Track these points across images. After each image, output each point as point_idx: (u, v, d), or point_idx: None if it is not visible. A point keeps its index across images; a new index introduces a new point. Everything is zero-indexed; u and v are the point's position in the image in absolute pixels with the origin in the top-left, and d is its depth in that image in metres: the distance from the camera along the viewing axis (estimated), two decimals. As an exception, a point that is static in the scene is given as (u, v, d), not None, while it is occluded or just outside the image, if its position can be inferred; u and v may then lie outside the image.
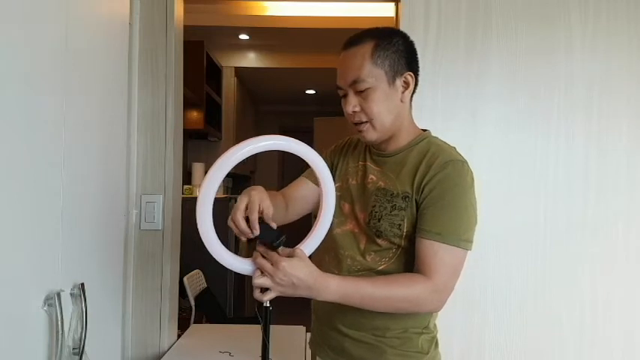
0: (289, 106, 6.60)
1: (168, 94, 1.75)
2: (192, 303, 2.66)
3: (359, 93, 1.09)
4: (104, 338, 1.30)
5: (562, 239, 1.77)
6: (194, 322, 2.62)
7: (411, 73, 1.12)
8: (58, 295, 0.94)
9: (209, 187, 0.93)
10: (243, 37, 4.21)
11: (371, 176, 1.18)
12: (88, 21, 1.16)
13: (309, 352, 1.72)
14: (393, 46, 1.10)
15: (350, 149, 1.30)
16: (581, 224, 1.78)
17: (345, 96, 1.12)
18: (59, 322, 0.94)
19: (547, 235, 1.76)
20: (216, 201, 0.98)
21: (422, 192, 1.07)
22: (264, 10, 3.42)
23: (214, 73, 4.49)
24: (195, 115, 3.98)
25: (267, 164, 6.89)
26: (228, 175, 4.28)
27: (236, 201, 1.00)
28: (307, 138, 0.93)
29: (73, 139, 1.06)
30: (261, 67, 4.79)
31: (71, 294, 1.01)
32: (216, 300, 3.07)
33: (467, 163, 1.10)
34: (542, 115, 1.79)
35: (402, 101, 1.12)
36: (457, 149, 1.15)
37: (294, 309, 2.15)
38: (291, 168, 6.75)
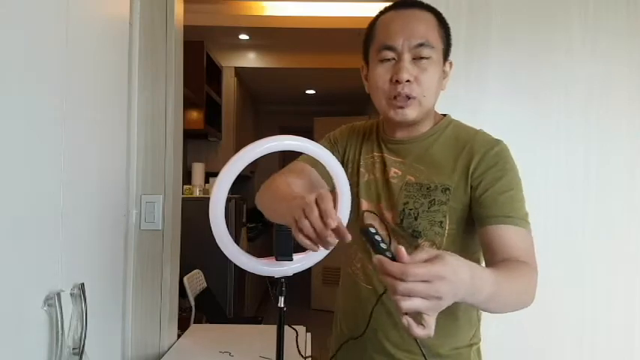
0: (289, 106, 6.60)
1: (168, 94, 1.75)
2: (192, 303, 2.66)
3: (417, 60, 0.96)
4: (104, 338, 1.30)
5: (562, 239, 1.77)
6: (194, 322, 2.62)
7: (451, 62, 1.04)
8: (58, 295, 0.94)
9: (222, 185, 0.89)
10: (243, 37, 4.21)
11: (394, 170, 1.05)
12: (88, 21, 1.16)
13: (309, 352, 1.72)
14: (448, 25, 1.02)
15: (359, 138, 1.15)
16: (581, 224, 1.78)
17: (394, 61, 0.98)
18: (59, 322, 0.94)
19: (547, 235, 1.76)
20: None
21: (472, 179, 0.97)
22: (264, 10, 3.42)
23: (214, 73, 4.49)
24: (195, 115, 3.98)
25: (268, 164, 6.89)
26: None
27: (235, 201, 0.97)
28: (307, 138, 0.91)
29: (73, 139, 1.05)
30: (261, 67, 4.79)
31: (71, 294, 1.01)
32: (216, 300, 3.07)
33: (504, 142, 1.02)
34: (543, 115, 1.79)
35: (441, 88, 1.04)
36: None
37: (295, 309, 2.15)
38: (291, 168, 6.73)
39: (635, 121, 1.79)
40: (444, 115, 1.10)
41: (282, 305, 0.98)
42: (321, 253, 0.91)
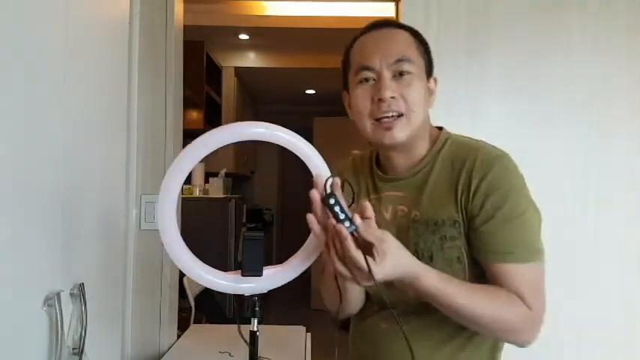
0: (289, 106, 6.60)
1: (168, 94, 1.75)
2: (192, 303, 2.66)
3: (398, 77, 0.91)
4: (104, 338, 1.30)
5: (562, 240, 1.77)
6: (194, 323, 2.62)
7: (435, 78, 1.00)
8: (58, 295, 0.94)
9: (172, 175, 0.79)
10: (243, 37, 4.21)
11: (401, 208, 0.97)
12: (88, 21, 1.16)
13: (309, 352, 1.72)
14: (427, 43, 0.98)
15: (355, 181, 1.05)
16: (582, 224, 1.78)
17: (374, 81, 0.92)
18: (59, 322, 0.94)
19: (546, 235, 1.76)
20: (216, 201, 0.95)
21: (472, 208, 0.89)
22: (264, 10, 3.42)
23: (214, 73, 4.50)
24: (195, 115, 3.98)
25: (267, 164, 6.90)
26: (228, 175, 4.28)
27: (235, 201, 0.95)
28: (307, 138, 0.88)
29: (73, 138, 1.05)
30: (261, 67, 4.80)
31: (71, 294, 1.01)
32: (216, 300, 3.07)
33: (508, 155, 0.92)
34: (542, 115, 1.79)
35: (429, 105, 0.98)
36: (484, 140, 0.97)
37: (294, 309, 2.15)
38: (291, 168, 6.75)
39: (635, 121, 1.79)
40: (441, 128, 1.02)
41: (256, 329, 0.87)
42: (298, 269, 0.85)
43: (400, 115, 0.91)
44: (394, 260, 0.75)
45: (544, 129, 1.79)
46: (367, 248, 0.74)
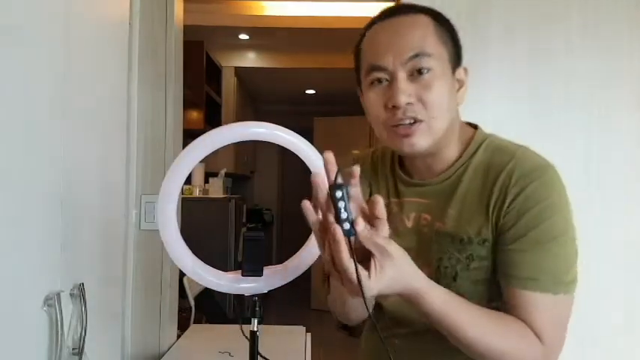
0: (289, 106, 6.60)
1: (168, 94, 1.75)
2: (192, 303, 2.66)
3: (416, 76, 0.78)
4: (104, 338, 1.30)
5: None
6: (194, 322, 2.62)
7: (466, 68, 0.87)
8: (58, 295, 0.94)
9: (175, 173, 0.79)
10: (243, 36, 4.21)
11: (424, 215, 0.86)
12: (88, 21, 1.16)
13: (309, 352, 1.72)
14: (451, 25, 0.84)
15: (372, 177, 0.94)
16: (583, 219, 1.78)
17: (387, 82, 0.80)
18: (59, 323, 0.93)
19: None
20: (216, 201, 0.96)
21: (503, 224, 0.78)
22: (264, 10, 3.42)
23: (214, 73, 4.50)
24: (194, 115, 3.98)
25: (267, 164, 6.90)
26: (228, 175, 4.27)
27: (235, 202, 0.93)
28: (307, 138, 0.87)
29: (73, 138, 1.05)
30: (261, 67, 4.80)
31: (71, 294, 1.01)
32: (216, 300, 3.07)
33: (553, 167, 0.81)
34: (543, 111, 1.78)
35: (457, 103, 0.85)
36: (529, 147, 0.84)
37: (294, 309, 2.15)
38: (291, 168, 6.75)
39: (635, 115, 1.78)
40: (476, 127, 0.90)
41: (256, 329, 0.85)
42: (298, 269, 0.84)
43: (419, 121, 0.79)
44: (394, 274, 0.64)
45: (544, 124, 1.78)
46: (367, 255, 0.64)
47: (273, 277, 0.86)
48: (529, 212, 0.76)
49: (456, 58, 0.84)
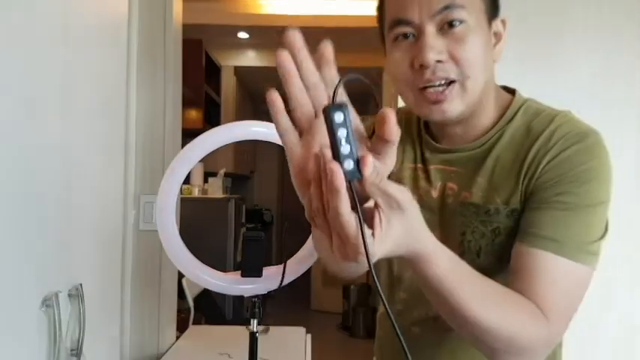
0: (289, 106, 6.60)
1: (167, 93, 1.74)
2: (191, 304, 2.65)
3: (447, 29, 0.68)
4: (102, 339, 1.29)
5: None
6: (193, 324, 2.61)
7: (504, 19, 0.76)
8: (56, 296, 0.94)
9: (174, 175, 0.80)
10: (243, 35, 4.21)
11: (450, 185, 0.77)
12: (87, 20, 1.15)
13: (309, 353, 1.71)
14: None
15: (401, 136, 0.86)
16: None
17: (413, 38, 0.70)
18: (57, 324, 0.93)
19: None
20: (215, 201, 0.95)
21: (535, 186, 0.70)
22: (263, 9, 3.42)
23: (213, 72, 4.49)
24: (194, 114, 3.97)
25: (267, 164, 6.89)
26: (227, 175, 4.26)
27: (235, 202, 0.92)
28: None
29: (72, 138, 1.05)
30: (261, 66, 4.79)
31: (69, 295, 1.00)
32: (215, 301, 3.06)
33: (597, 132, 0.72)
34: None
35: (494, 60, 0.75)
36: (571, 111, 0.76)
37: (294, 310, 2.14)
38: (290, 168, 6.74)
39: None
40: (513, 91, 0.81)
41: (255, 330, 0.84)
42: (298, 269, 0.82)
43: (452, 82, 0.69)
44: (403, 232, 0.48)
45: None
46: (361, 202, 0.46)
47: (273, 278, 0.86)
48: (565, 175, 0.68)
49: (492, 8, 0.74)
